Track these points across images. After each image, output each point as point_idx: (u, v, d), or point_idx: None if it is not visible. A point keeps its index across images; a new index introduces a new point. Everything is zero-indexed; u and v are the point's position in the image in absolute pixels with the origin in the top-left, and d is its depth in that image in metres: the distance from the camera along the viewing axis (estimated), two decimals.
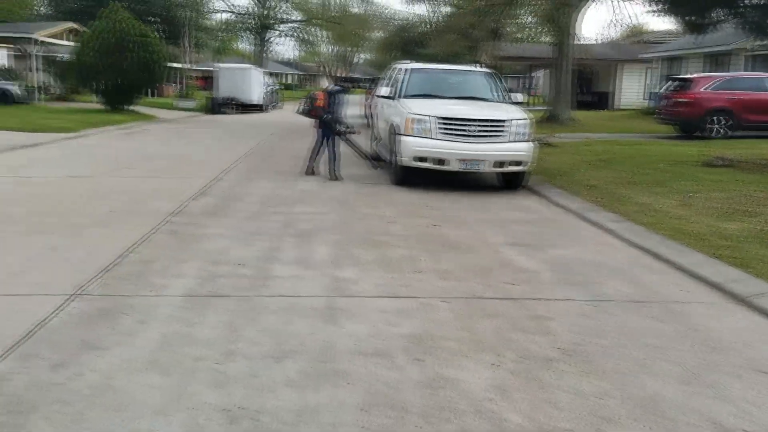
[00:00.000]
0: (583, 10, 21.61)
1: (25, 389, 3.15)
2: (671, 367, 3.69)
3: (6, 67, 32.47)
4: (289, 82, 76.50)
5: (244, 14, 56.71)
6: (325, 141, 10.82)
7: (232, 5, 58.17)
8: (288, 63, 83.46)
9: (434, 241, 6.50)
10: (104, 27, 23.17)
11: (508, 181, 10.09)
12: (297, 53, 76.29)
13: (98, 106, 25.11)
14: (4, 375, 3.30)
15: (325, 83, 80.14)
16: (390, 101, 10.97)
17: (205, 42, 42.52)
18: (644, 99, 34.27)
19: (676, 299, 4.94)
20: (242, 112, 30.61)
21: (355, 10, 62.58)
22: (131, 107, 25.14)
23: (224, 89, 30.79)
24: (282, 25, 60.29)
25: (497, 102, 10.80)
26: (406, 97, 10.57)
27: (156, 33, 33.16)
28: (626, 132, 19.92)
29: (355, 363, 3.57)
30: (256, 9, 56.26)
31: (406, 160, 9.56)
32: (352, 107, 36.05)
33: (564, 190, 9.60)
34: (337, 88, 11.28)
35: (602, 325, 4.32)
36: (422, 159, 9.45)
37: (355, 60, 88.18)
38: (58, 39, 27.70)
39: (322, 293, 4.75)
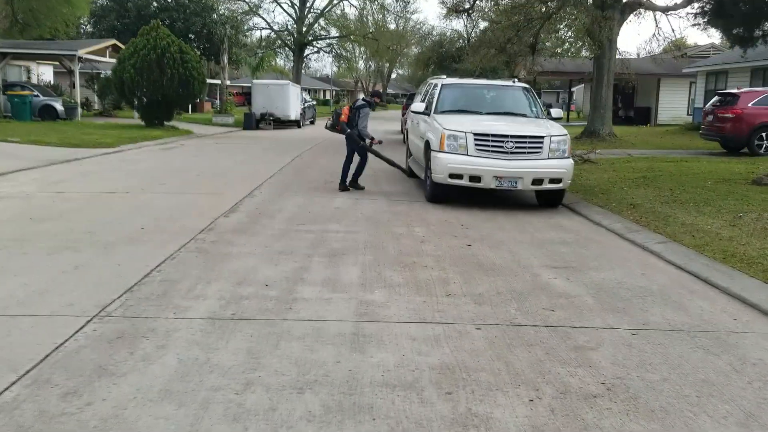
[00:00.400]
0: (623, 24, 21.17)
1: (33, 419, 3.01)
2: (726, 406, 3.37)
3: (51, 83, 33.42)
4: (327, 98, 77.06)
5: (282, 31, 57.40)
6: (354, 154, 11.06)
7: (271, 22, 58.99)
8: (325, 79, 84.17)
9: (468, 262, 6.25)
10: (144, 44, 23.55)
11: (546, 199, 9.79)
12: (334, 69, 76.86)
13: (138, 122, 25.54)
14: (14, 403, 3.16)
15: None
16: (424, 117, 10.78)
17: (244, 58, 43.03)
18: (687, 114, 33.51)
19: (729, 328, 4.60)
20: (278, 128, 30.78)
21: (392, 26, 62.96)
22: (170, 123, 25.48)
23: (261, 105, 31.01)
24: (319, 42, 60.79)
25: (534, 118, 10.51)
26: (440, 112, 10.37)
27: (195, 50, 33.78)
28: (668, 148, 19.37)
29: (382, 396, 3.34)
30: (293, 26, 56.89)
31: (440, 177, 9.33)
32: (389, 123, 36.37)
33: (605, 209, 9.26)
34: (361, 102, 11.13)
35: (648, 357, 4.01)
36: (457, 176, 9.21)
37: (392, 75, 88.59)
38: (100, 56, 28.31)
39: (350, 317, 4.54)
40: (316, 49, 62.26)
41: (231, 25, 38.19)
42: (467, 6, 25.30)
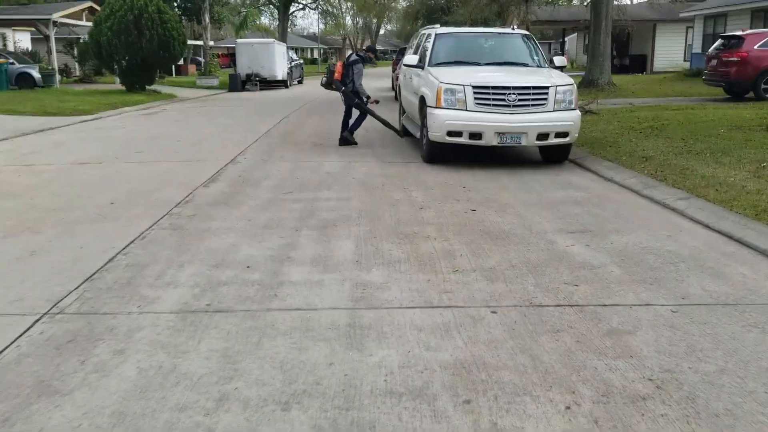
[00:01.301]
0: None
1: None
2: None
3: (29, 50, 32.14)
4: (315, 56, 75.43)
5: None
6: (352, 110, 10.95)
7: None
8: (312, 37, 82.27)
9: (474, 229, 5.61)
10: (120, 5, 22.42)
11: (551, 155, 9.11)
12: (320, 26, 74.99)
13: (119, 87, 24.53)
14: None
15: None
16: (418, 71, 10.01)
17: (226, 17, 41.60)
18: (684, 60, 32.59)
19: None
20: (265, 89, 29.80)
21: None
22: (151, 87, 24.50)
23: (246, 65, 29.95)
24: None
25: (536, 67, 9.76)
26: (435, 65, 9.60)
27: (175, 10, 32.47)
28: (670, 96, 18.62)
29: (386, 409, 2.73)
30: None
31: (437, 135, 8.63)
32: (380, 80, 35.44)
33: (615, 163, 8.61)
34: (354, 57, 10.88)
35: (696, 340, 3.41)
36: (456, 134, 8.51)
37: (381, 31, 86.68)
38: (76, 19, 27.10)
39: (344, 304, 3.91)
40: (301, 6, 60.53)
41: None
42: None
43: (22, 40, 33.60)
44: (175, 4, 35.42)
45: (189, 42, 40.65)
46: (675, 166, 7.94)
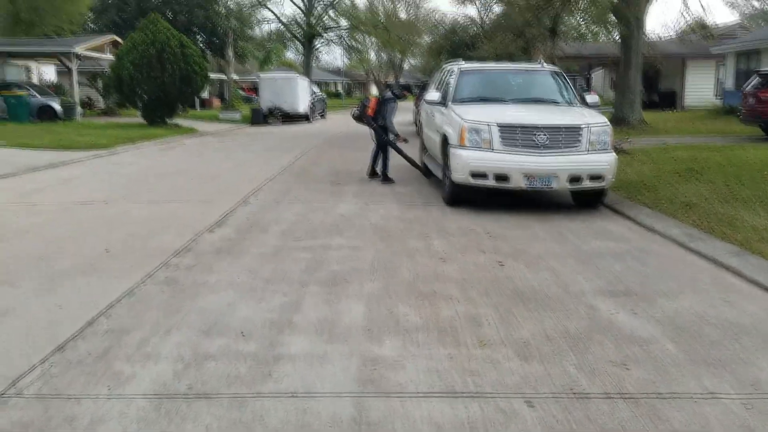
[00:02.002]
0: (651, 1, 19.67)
1: None
2: None
3: (54, 83, 32.40)
4: (338, 90, 75.79)
5: (291, 23, 56.10)
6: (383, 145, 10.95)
7: (279, 14, 57.69)
8: (336, 71, 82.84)
9: (502, 289, 4.98)
10: (142, 38, 22.40)
11: (584, 199, 8.47)
12: (344, 61, 75.51)
13: (141, 120, 24.41)
14: None
15: (374, 90, 79.14)
16: (440, 108, 9.48)
17: (251, 52, 41.81)
18: (715, 97, 31.83)
19: None
20: (287, 123, 29.60)
21: (403, 15, 61.44)
22: (172, 121, 24.35)
23: (268, 99, 29.83)
24: (329, 33, 59.47)
25: (567, 105, 9.19)
26: (458, 102, 9.07)
27: (199, 44, 32.62)
28: (704, 135, 17.88)
29: None
30: (302, 18, 55.56)
31: (460, 176, 8.06)
32: (401, 113, 35.01)
33: (655, 210, 7.94)
34: (389, 95, 10.80)
35: None
36: (480, 175, 7.93)
37: (405, 66, 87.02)
38: (99, 52, 27.19)
39: (350, 388, 3.29)
40: (326, 41, 60.98)
41: (236, 17, 36.94)
42: None
43: (47, 72, 33.92)
44: (200, 39, 35.65)
45: (213, 76, 40.94)
46: (721, 215, 7.25)
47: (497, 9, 47.70)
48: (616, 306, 4.60)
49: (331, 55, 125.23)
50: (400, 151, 10.87)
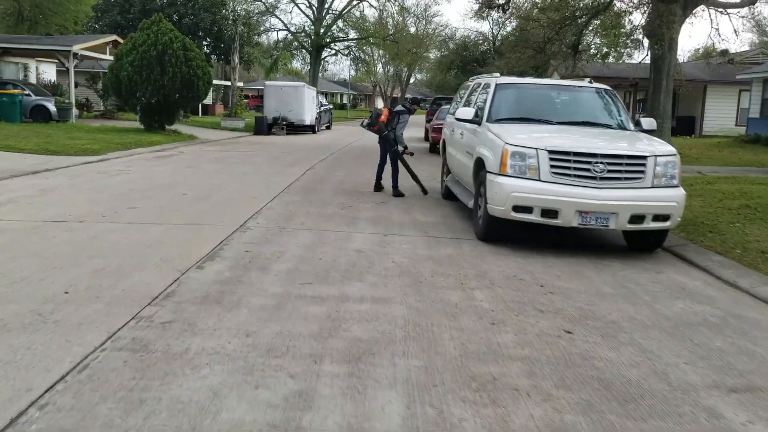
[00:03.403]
0: (683, 23, 18.48)
1: None
2: None
3: (53, 82, 31.20)
4: (344, 102, 74.80)
5: (299, 32, 55.11)
6: (387, 157, 10.94)
7: (288, 23, 56.72)
8: (342, 83, 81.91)
9: (583, 377, 3.70)
10: (144, 39, 21.20)
11: (642, 240, 7.20)
12: (351, 72, 74.48)
13: (139, 125, 23.18)
14: None
15: (380, 103, 78.17)
16: (473, 127, 8.24)
17: (257, 58, 40.67)
18: (735, 125, 30.67)
19: None
20: (292, 133, 28.40)
21: (412, 29, 60.51)
22: (171, 127, 23.12)
23: (273, 108, 28.65)
24: (337, 44, 58.50)
25: (620, 129, 7.95)
26: (496, 121, 7.83)
27: (204, 49, 31.47)
28: (738, 165, 16.66)
29: None
30: (311, 27, 54.58)
31: (500, 209, 6.79)
32: (413, 129, 34.01)
33: (728, 258, 6.68)
34: (401, 107, 10.90)
35: None
36: (524, 209, 6.67)
37: (411, 80, 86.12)
38: (99, 53, 26.01)
39: None
40: (333, 52, 60.01)
41: (243, 22, 35.81)
42: (502, 1, 22.70)
43: (47, 72, 32.77)
44: (205, 43, 34.50)
45: (217, 82, 39.79)
46: None
47: (510, 26, 46.76)
48: (745, 412, 3.33)
49: (338, 66, 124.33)
50: (405, 164, 10.84)
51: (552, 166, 6.64)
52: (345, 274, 5.65)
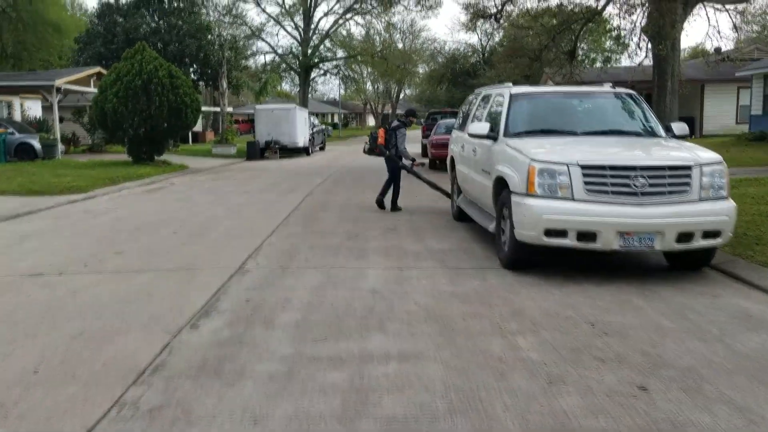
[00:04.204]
0: (685, 21, 17.90)
1: None
2: None
3: (39, 119, 30.42)
4: (335, 121, 74.28)
5: (287, 54, 54.64)
6: (396, 175, 10.92)
7: (275, 45, 56.33)
8: (332, 102, 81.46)
9: None
10: (128, 69, 20.50)
11: (686, 259, 6.44)
12: (341, 92, 74.02)
13: (128, 157, 22.40)
14: None
15: (371, 121, 77.63)
16: (487, 143, 7.49)
17: (245, 83, 40.00)
18: (736, 123, 30.09)
19: None
20: (285, 156, 27.69)
21: (400, 45, 60.10)
22: (161, 157, 22.35)
23: (265, 132, 27.98)
24: (325, 64, 58.06)
25: (651, 137, 7.23)
26: (514, 135, 7.10)
27: (188, 74, 30.80)
28: (753, 166, 15.97)
29: None
30: (298, 48, 54.12)
31: (529, 234, 6.04)
32: (409, 146, 33.38)
33: None
34: (396, 123, 10.99)
35: None
36: (557, 233, 5.92)
37: (401, 96, 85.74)
38: (83, 86, 25.29)
39: None
40: (322, 72, 59.59)
41: (230, 46, 35.17)
42: (494, 11, 22.13)
43: (32, 108, 32.05)
44: (192, 70, 33.84)
45: (207, 108, 39.12)
46: None
47: (499, 36, 46.33)
48: None
49: (328, 85, 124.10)
50: (419, 176, 10.91)
51: (586, 183, 5.89)
52: (363, 323, 4.87)
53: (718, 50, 32.63)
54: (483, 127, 7.46)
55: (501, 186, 6.78)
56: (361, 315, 5.09)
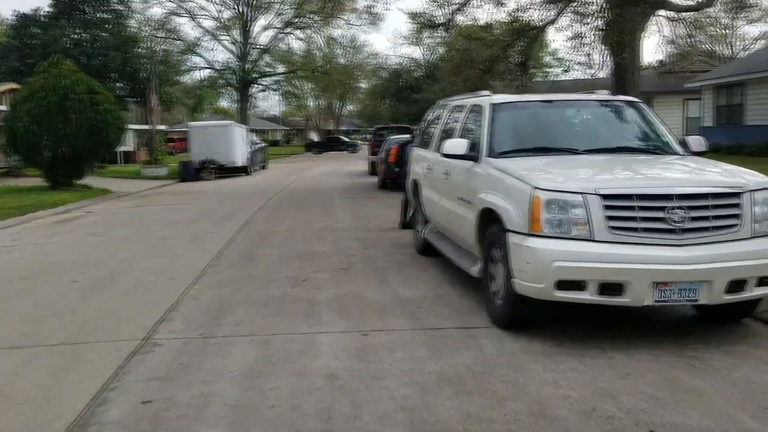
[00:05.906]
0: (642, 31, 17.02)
1: None
2: None
3: None
4: (277, 138, 72.24)
5: (224, 69, 52.54)
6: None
7: (212, 61, 54.23)
8: (273, 119, 79.36)
9: None
10: (41, 84, 18.36)
11: (724, 309, 5.05)
12: (282, 108, 72.08)
13: (44, 182, 20.08)
14: None
15: (314, 137, 75.71)
16: (465, 164, 5.97)
17: (178, 99, 37.76)
18: (686, 135, 29.73)
19: None
20: (223, 177, 25.74)
21: (342, 60, 58.78)
22: (82, 181, 20.14)
23: (200, 151, 26.01)
24: (265, 79, 56.19)
25: (667, 154, 5.88)
26: (501, 155, 5.61)
27: (117, 91, 28.58)
28: None
29: None
30: (237, 63, 52.08)
31: (537, 286, 4.53)
32: (358, 163, 32.00)
33: None
34: (407, 137, 10.85)
35: None
36: (573, 285, 4.44)
37: (343, 112, 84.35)
38: None
39: None
40: (262, 87, 57.71)
41: (160, 60, 32.98)
42: (443, 21, 20.88)
43: None
44: (119, 85, 31.48)
45: (137, 127, 36.68)
46: None
47: (442, 50, 45.41)
48: None
49: (268, 101, 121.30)
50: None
51: (609, 218, 4.43)
52: None
53: (662, 62, 32.43)
54: (461, 145, 5.93)
55: (488, 220, 5.29)
56: (315, 425, 3.46)
